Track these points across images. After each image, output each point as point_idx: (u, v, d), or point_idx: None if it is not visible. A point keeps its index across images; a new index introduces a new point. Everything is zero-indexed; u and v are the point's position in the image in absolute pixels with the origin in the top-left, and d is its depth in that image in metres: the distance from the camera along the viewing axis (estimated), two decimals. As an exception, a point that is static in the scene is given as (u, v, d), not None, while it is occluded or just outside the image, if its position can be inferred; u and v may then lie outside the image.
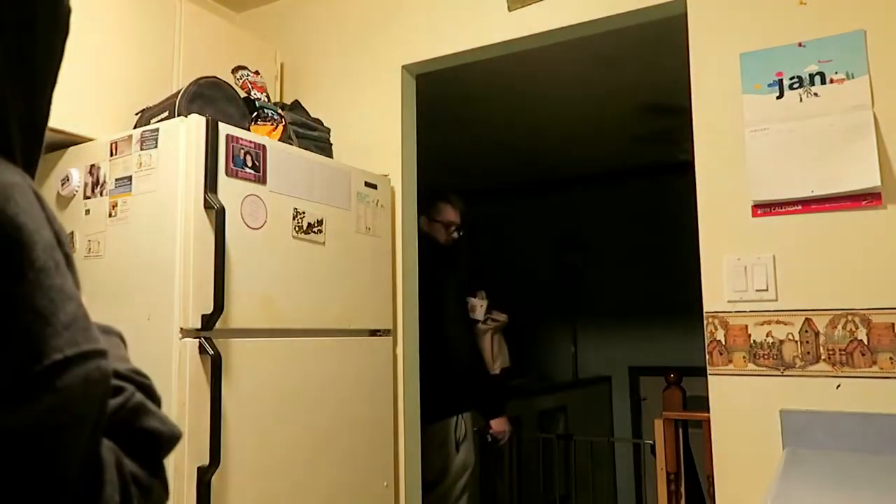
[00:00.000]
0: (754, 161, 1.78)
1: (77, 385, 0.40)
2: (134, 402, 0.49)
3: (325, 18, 2.58)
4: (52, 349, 0.39)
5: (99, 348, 0.43)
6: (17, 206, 0.40)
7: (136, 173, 1.70)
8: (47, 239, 0.42)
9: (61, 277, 0.41)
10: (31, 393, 0.38)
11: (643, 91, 3.46)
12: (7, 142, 0.44)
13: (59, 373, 0.39)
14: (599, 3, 2.08)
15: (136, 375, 0.53)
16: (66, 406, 0.39)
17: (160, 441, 0.51)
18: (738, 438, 1.75)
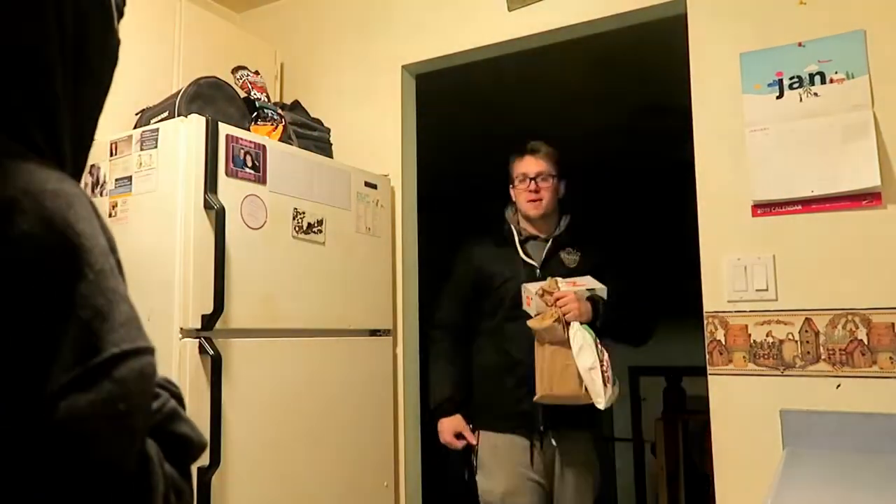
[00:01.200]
0: (754, 161, 1.78)
1: (133, 377, 0.43)
2: (169, 408, 0.51)
3: (325, 18, 2.58)
4: (110, 343, 0.42)
5: (151, 346, 0.46)
6: (78, 214, 0.44)
7: (136, 173, 1.70)
8: (102, 245, 0.45)
9: (115, 280, 0.45)
10: (92, 381, 0.41)
11: (643, 91, 3.46)
12: (62, 158, 0.49)
13: (117, 364, 0.42)
14: (599, 3, 2.08)
15: (168, 384, 0.56)
16: (124, 396, 0.42)
17: (191, 447, 0.53)
18: (738, 438, 1.75)
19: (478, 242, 2.33)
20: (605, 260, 2.22)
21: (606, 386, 1.89)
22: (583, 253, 2.20)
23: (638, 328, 2.20)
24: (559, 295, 1.97)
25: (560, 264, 2.16)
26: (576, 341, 1.91)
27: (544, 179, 2.19)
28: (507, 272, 2.16)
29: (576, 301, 1.97)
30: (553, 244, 2.20)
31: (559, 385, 1.94)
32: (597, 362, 1.88)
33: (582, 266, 2.16)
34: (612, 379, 1.92)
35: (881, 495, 1.28)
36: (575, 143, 4.35)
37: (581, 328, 1.93)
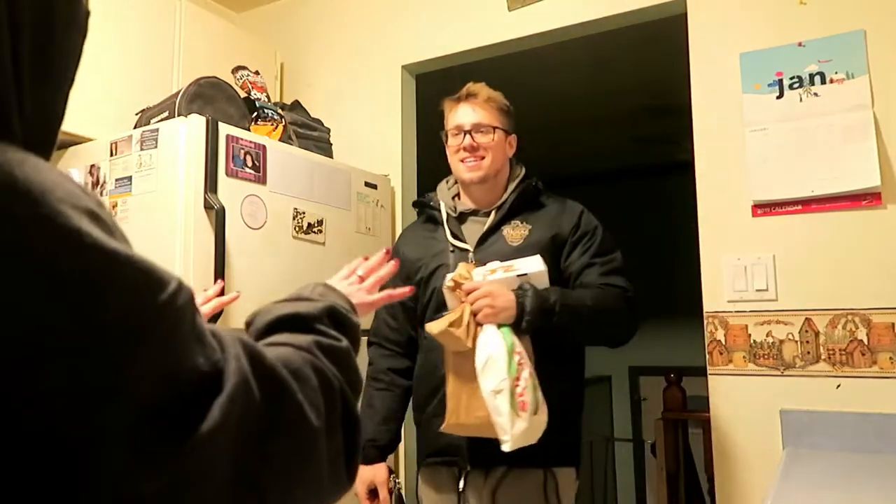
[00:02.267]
0: (754, 161, 1.78)
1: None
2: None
3: (325, 18, 2.58)
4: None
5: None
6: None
7: (136, 173, 1.70)
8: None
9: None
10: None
11: (643, 91, 3.46)
12: (9, 139, 0.44)
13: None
14: (599, 3, 2.08)
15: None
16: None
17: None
18: (738, 438, 1.75)
19: (410, 226, 1.85)
20: (569, 229, 1.60)
21: (519, 416, 1.32)
22: (535, 224, 1.60)
23: (606, 324, 1.53)
24: (468, 287, 1.44)
25: (502, 244, 1.59)
26: (481, 353, 1.37)
27: (485, 133, 1.61)
28: (433, 260, 1.63)
29: (489, 294, 1.40)
30: (496, 218, 1.62)
31: (467, 411, 1.42)
32: (505, 383, 1.33)
33: (531, 243, 1.57)
34: (531, 405, 1.34)
35: (881, 495, 1.28)
36: (575, 142, 4.36)
37: (497, 333, 1.39)
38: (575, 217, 1.62)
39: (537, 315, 1.40)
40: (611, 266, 1.57)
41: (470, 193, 1.68)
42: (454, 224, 1.66)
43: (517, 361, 1.36)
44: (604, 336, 1.58)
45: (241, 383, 0.44)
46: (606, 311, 1.50)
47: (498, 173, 1.65)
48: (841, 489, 1.33)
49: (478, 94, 1.65)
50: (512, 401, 1.33)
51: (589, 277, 1.55)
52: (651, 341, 5.12)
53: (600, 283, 1.53)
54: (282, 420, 0.48)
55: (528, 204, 1.64)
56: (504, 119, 1.66)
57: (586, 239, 1.60)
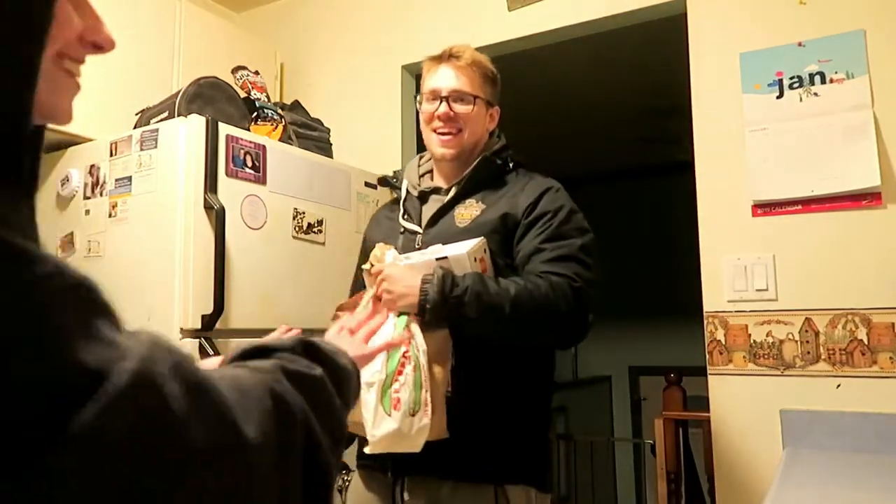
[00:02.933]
0: (754, 161, 1.78)
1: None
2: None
3: (325, 18, 2.58)
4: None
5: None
6: None
7: (136, 173, 1.70)
8: None
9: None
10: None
11: (643, 91, 3.46)
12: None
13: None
14: (599, 3, 2.08)
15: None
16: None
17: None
18: (738, 438, 1.75)
19: (381, 206, 1.73)
20: (523, 209, 1.37)
21: (390, 415, 1.16)
22: (491, 204, 1.40)
23: (538, 319, 1.27)
24: (375, 270, 1.31)
25: (449, 225, 1.41)
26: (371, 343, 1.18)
27: (465, 102, 1.43)
28: (386, 242, 1.45)
29: (388, 278, 1.27)
30: (454, 195, 1.44)
31: (358, 405, 1.21)
32: (378, 375, 1.18)
33: (478, 224, 1.37)
34: (410, 405, 1.17)
35: (881, 495, 1.28)
36: (575, 142, 4.36)
37: (390, 321, 1.25)
38: (534, 196, 1.38)
39: (440, 304, 1.21)
40: (561, 252, 1.31)
41: (441, 170, 1.50)
42: (412, 203, 1.50)
43: (402, 354, 1.20)
44: (537, 333, 1.32)
45: (139, 386, 0.36)
46: (536, 304, 1.24)
47: (474, 149, 1.46)
48: (841, 489, 1.33)
49: (461, 56, 1.44)
50: (383, 396, 1.17)
51: (532, 265, 1.32)
52: (651, 341, 5.13)
53: (542, 272, 1.29)
54: (203, 436, 0.39)
55: (489, 181, 1.44)
56: (488, 88, 1.47)
57: (542, 221, 1.35)
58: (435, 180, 1.52)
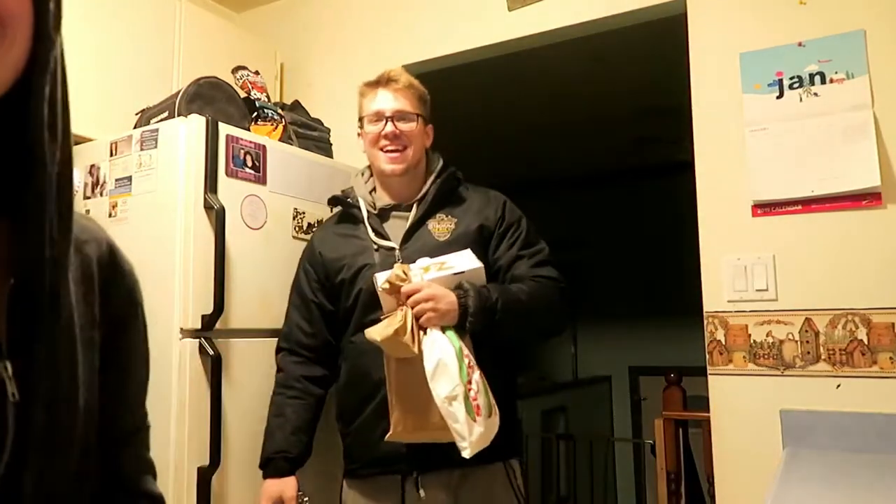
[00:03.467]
0: (754, 161, 1.78)
1: None
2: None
3: (325, 18, 2.58)
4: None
5: None
6: None
7: (136, 173, 1.70)
8: None
9: None
10: None
11: (643, 91, 3.46)
12: None
13: None
14: (599, 3, 2.08)
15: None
16: None
17: None
18: (738, 438, 1.75)
19: (324, 225, 1.76)
20: (495, 220, 1.55)
21: (476, 421, 1.28)
22: (461, 217, 1.54)
23: (543, 316, 1.51)
24: (408, 290, 1.36)
25: (428, 239, 1.52)
26: (430, 358, 1.31)
27: (408, 120, 1.55)
28: (357, 260, 1.55)
29: (433, 297, 1.34)
30: (419, 212, 1.55)
31: (416, 419, 1.37)
32: (459, 388, 1.28)
33: (458, 236, 1.51)
34: (486, 408, 1.30)
35: (881, 495, 1.28)
36: (574, 142, 4.36)
37: (443, 337, 1.33)
38: (499, 208, 1.58)
39: (480, 315, 1.36)
40: (539, 257, 1.55)
41: (388, 187, 1.61)
42: (376, 221, 1.58)
43: (467, 364, 1.31)
44: (538, 330, 1.58)
45: None
46: (541, 304, 1.48)
47: (418, 164, 1.60)
48: (841, 489, 1.33)
49: (399, 79, 1.58)
50: (467, 406, 1.28)
51: (519, 270, 1.51)
52: (651, 341, 5.13)
53: (532, 276, 1.50)
54: None
55: (450, 196, 1.59)
56: (423, 107, 1.62)
57: (512, 230, 1.56)
58: (383, 197, 1.63)
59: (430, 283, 1.38)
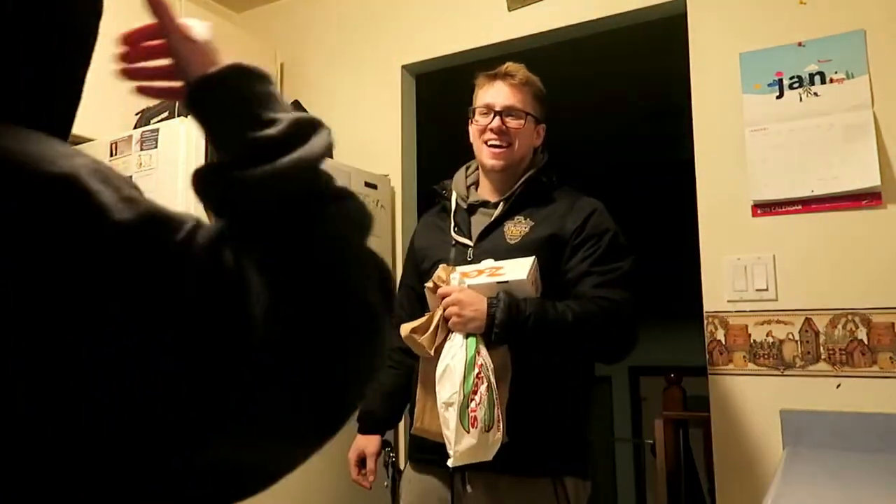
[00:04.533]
0: (754, 161, 1.78)
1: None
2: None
3: (325, 18, 2.58)
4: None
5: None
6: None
7: (136, 173, 1.70)
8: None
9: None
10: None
11: (642, 91, 3.46)
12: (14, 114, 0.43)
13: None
14: (599, 3, 2.08)
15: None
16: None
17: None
18: (738, 438, 1.75)
19: (428, 213, 1.75)
20: (571, 231, 1.47)
21: (468, 432, 1.28)
22: (539, 221, 1.49)
23: (591, 341, 1.42)
24: (442, 292, 1.38)
25: (499, 241, 1.49)
26: (441, 363, 1.34)
27: (516, 117, 1.51)
28: (435, 253, 1.56)
29: (459, 302, 1.35)
30: (502, 211, 1.52)
31: (430, 417, 1.39)
32: (456, 396, 1.29)
33: (527, 242, 1.46)
34: (485, 422, 1.28)
35: (881, 495, 1.28)
36: (574, 142, 4.36)
37: (461, 343, 1.34)
38: (581, 218, 1.48)
39: (507, 328, 1.32)
40: (610, 277, 1.43)
41: (490, 181, 1.57)
42: (462, 216, 1.57)
43: (476, 375, 1.30)
44: (590, 352, 1.49)
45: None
46: (591, 328, 1.38)
47: (521, 162, 1.55)
48: (841, 489, 1.33)
49: (515, 75, 1.55)
50: (462, 416, 1.28)
51: (583, 287, 1.43)
52: (651, 341, 5.11)
53: (592, 296, 1.41)
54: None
55: (536, 198, 1.53)
56: (537, 106, 1.57)
57: (590, 244, 1.46)
58: (481, 192, 1.60)
59: (464, 288, 1.38)
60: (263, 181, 0.48)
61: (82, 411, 0.37)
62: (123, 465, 0.39)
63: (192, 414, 0.40)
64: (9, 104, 0.44)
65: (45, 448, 0.37)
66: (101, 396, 0.37)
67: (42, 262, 0.36)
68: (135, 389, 0.38)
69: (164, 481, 0.41)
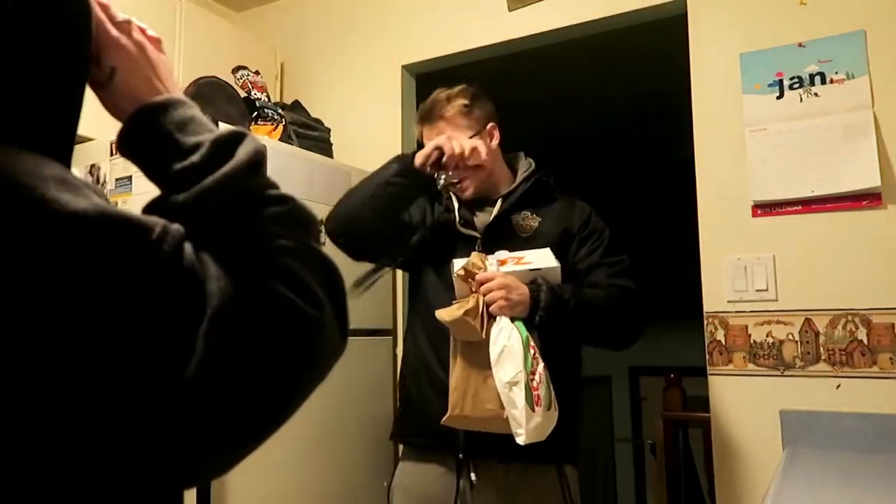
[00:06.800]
0: (754, 161, 1.78)
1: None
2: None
3: (325, 18, 2.58)
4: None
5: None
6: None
7: (136, 173, 1.70)
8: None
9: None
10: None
11: (642, 91, 3.46)
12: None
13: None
14: (599, 3, 2.08)
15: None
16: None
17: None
18: (738, 438, 1.75)
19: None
20: (578, 225, 1.57)
21: (534, 410, 1.30)
22: (545, 217, 1.57)
23: (615, 326, 1.51)
24: (482, 278, 1.40)
25: (510, 233, 1.55)
26: (497, 344, 1.35)
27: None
28: (442, 247, 1.58)
29: (505, 287, 1.37)
30: (504, 206, 1.58)
31: (473, 403, 1.38)
32: (522, 375, 1.31)
33: (540, 234, 1.54)
34: (545, 401, 1.32)
35: (881, 495, 1.28)
36: (574, 141, 4.36)
37: (511, 326, 1.36)
38: (585, 215, 1.60)
39: (551, 311, 1.38)
40: (619, 267, 1.55)
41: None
42: (466, 210, 1.61)
43: (532, 356, 1.34)
44: (608, 337, 1.56)
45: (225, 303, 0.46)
46: (616, 312, 1.48)
47: (492, 169, 1.59)
48: (841, 489, 1.33)
49: (441, 109, 1.57)
50: (528, 394, 1.30)
51: (598, 277, 1.52)
52: (651, 341, 5.10)
53: (610, 284, 1.51)
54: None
55: (537, 197, 1.60)
56: (474, 116, 1.58)
57: (595, 237, 1.57)
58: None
59: (504, 273, 1.41)
60: (193, 204, 0.53)
61: (88, 411, 0.39)
62: (132, 464, 0.42)
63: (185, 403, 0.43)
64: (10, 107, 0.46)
65: (51, 448, 0.39)
66: (106, 396, 0.39)
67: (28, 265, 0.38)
68: (140, 388, 0.41)
69: (171, 479, 0.45)
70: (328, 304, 0.52)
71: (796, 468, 1.45)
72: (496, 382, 1.33)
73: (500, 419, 1.34)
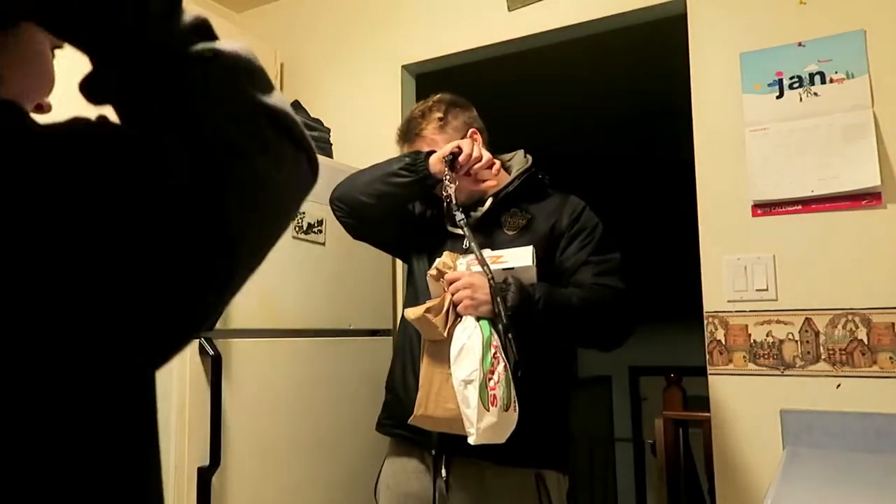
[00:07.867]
0: (754, 161, 1.78)
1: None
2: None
3: (325, 18, 2.58)
4: None
5: None
6: None
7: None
8: None
9: None
10: None
11: (642, 91, 3.46)
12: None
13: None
14: (599, 3, 2.08)
15: None
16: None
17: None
18: (738, 438, 1.75)
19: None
20: (567, 222, 1.53)
21: (488, 410, 1.27)
22: (535, 214, 1.54)
23: (595, 326, 1.45)
24: (450, 277, 1.40)
25: (498, 231, 1.53)
26: (456, 342, 1.33)
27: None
28: (431, 242, 1.59)
29: (471, 286, 1.36)
30: (494, 204, 1.56)
31: (436, 402, 1.37)
32: (477, 373, 1.29)
33: (527, 232, 1.51)
34: (502, 401, 1.28)
35: (881, 495, 1.28)
36: (574, 141, 4.36)
37: (474, 324, 1.35)
38: (576, 211, 1.55)
39: (518, 310, 1.33)
40: (606, 266, 1.49)
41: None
42: (457, 208, 1.56)
43: (493, 355, 1.31)
44: (590, 338, 1.52)
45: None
46: (593, 312, 1.42)
47: (480, 170, 1.56)
48: (841, 489, 1.33)
49: (419, 128, 1.59)
50: (482, 393, 1.28)
51: (582, 276, 1.47)
52: (651, 341, 5.12)
53: (592, 283, 1.45)
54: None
55: (530, 194, 1.57)
56: (453, 126, 1.60)
57: (584, 235, 1.52)
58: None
59: (473, 273, 1.40)
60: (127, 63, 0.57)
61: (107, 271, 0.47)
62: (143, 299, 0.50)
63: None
64: None
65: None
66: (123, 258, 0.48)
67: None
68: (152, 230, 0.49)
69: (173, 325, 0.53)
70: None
71: (796, 468, 1.45)
72: (453, 380, 1.31)
73: (459, 420, 1.31)
